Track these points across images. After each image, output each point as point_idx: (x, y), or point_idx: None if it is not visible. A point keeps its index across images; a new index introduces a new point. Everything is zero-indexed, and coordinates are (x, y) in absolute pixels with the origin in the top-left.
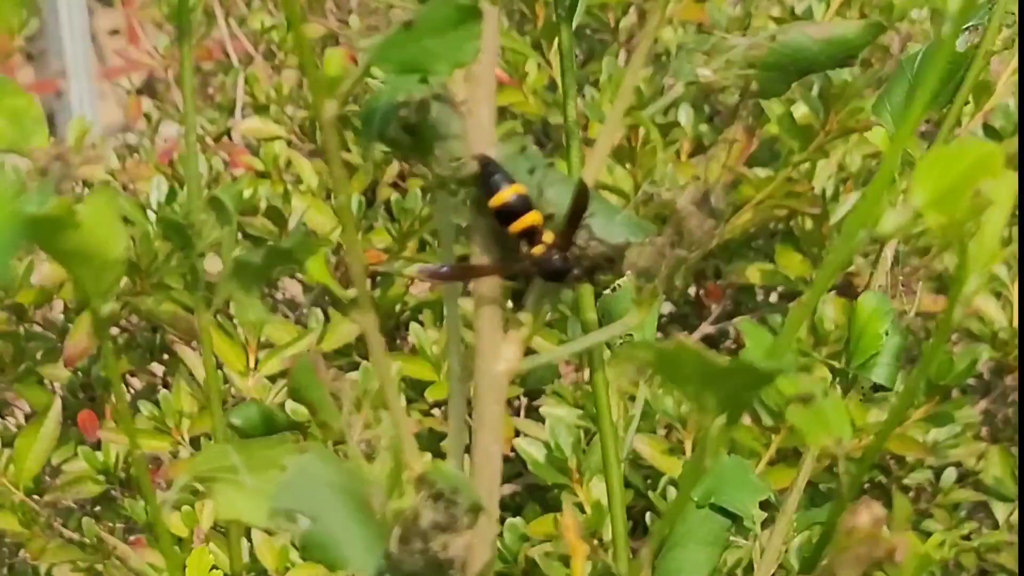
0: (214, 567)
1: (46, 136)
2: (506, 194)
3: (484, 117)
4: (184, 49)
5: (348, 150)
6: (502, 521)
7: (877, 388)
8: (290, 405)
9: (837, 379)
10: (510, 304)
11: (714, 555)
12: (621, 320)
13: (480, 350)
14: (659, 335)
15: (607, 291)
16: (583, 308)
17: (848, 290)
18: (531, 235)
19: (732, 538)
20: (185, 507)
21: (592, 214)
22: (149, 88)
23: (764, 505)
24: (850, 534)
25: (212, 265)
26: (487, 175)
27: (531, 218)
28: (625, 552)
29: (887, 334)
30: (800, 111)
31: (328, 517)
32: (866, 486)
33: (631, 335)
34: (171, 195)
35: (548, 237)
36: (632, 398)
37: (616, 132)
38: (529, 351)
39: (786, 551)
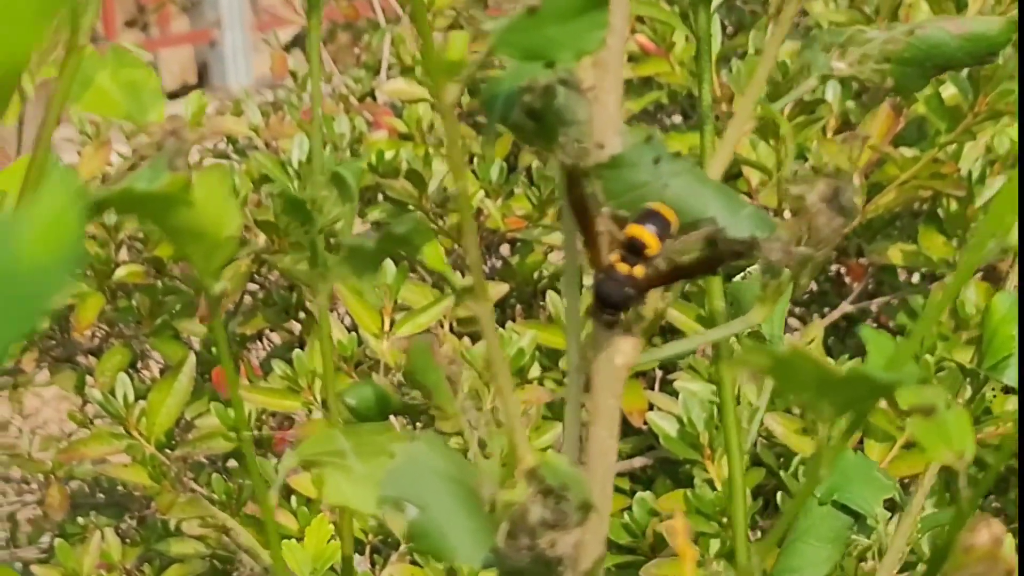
0: (334, 537)
1: (163, 110)
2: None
3: (611, 105)
4: (312, 21)
5: None
6: (631, 494)
7: (1008, 390)
8: None
9: (968, 379)
10: None
11: (835, 553)
12: (743, 316)
13: (597, 342)
14: (801, 311)
15: (737, 278)
16: (711, 296)
17: (992, 274)
18: (635, 248)
19: (854, 536)
20: (315, 469)
21: (718, 208)
22: (300, 43)
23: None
24: (968, 552)
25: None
26: None
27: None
28: (744, 544)
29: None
30: (948, 92)
31: (436, 507)
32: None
33: (758, 327)
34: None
35: (639, 270)
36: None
37: (746, 123)
38: (669, 328)
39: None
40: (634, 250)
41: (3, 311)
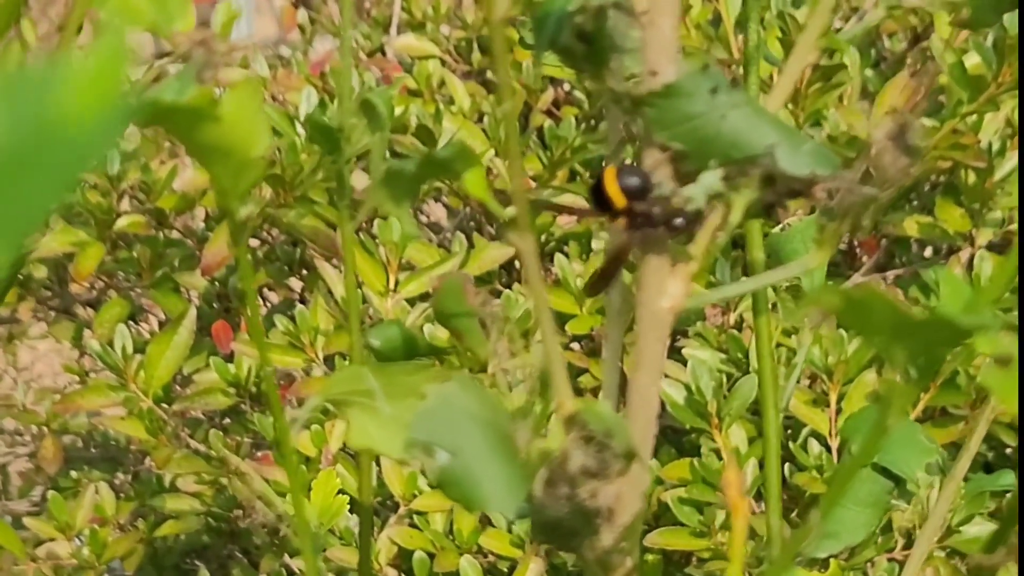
0: (341, 491)
1: (191, 19)
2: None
3: (666, 28)
4: None
5: None
6: None
7: None
8: (428, 330)
9: None
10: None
11: (874, 517)
12: (799, 260)
13: (644, 284)
14: None
15: (776, 229)
16: (751, 246)
17: (1005, 248)
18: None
19: (894, 501)
20: (315, 426)
21: (777, 143)
22: (305, 2)
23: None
24: None
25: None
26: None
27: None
28: (777, 509)
29: None
30: (972, 61)
31: (468, 452)
32: None
33: (798, 279)
34: (321, 107)
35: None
36: (779, 345)
37: (808, 55)
38: None
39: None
40: (601, 203)
41: (41, 172)
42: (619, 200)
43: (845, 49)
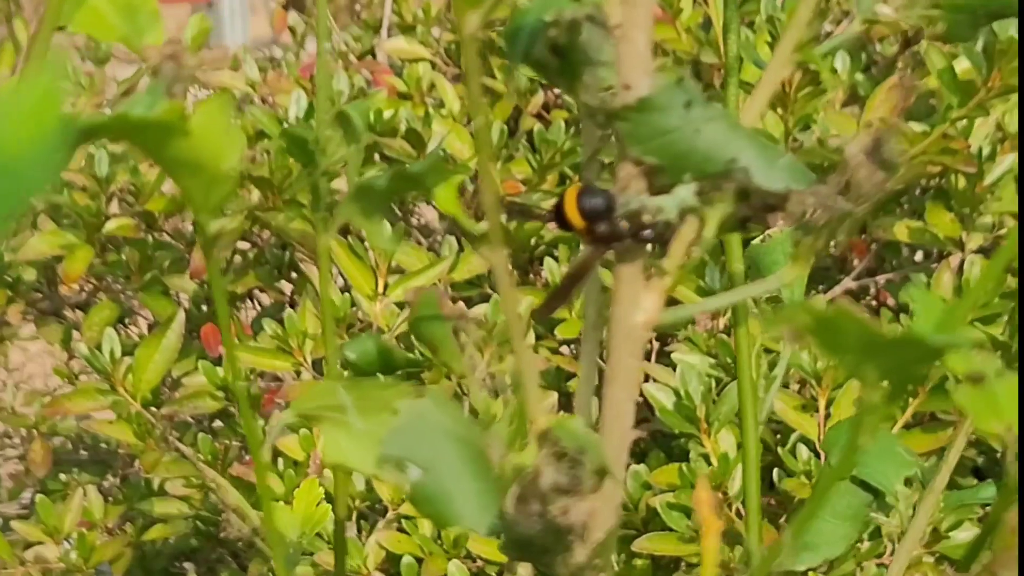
0: (327, 497)
1: (161, 33)
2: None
3: (640, 43)
4: None
5: (492, 76)
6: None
7: None
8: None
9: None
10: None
11: (854, 530)
12: (775, 274)
13: (618, 298)
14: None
15: (756, 240)
16: (731, 258)
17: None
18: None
19: (872, 514)
20: (303, 431)
21: (752, 157)
22: (297, 3)
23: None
24: (1015, 532)
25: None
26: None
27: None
28: (757, 525)
29: None
30: (962, 66)
31: (441, 468)
32: None
33: (777, 291)
34: (310, 110)
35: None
36: (768, 350)
37: (783, 70)
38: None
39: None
40: (563, 223)
41: None
42: (578, 222)
43: (820, 64)
